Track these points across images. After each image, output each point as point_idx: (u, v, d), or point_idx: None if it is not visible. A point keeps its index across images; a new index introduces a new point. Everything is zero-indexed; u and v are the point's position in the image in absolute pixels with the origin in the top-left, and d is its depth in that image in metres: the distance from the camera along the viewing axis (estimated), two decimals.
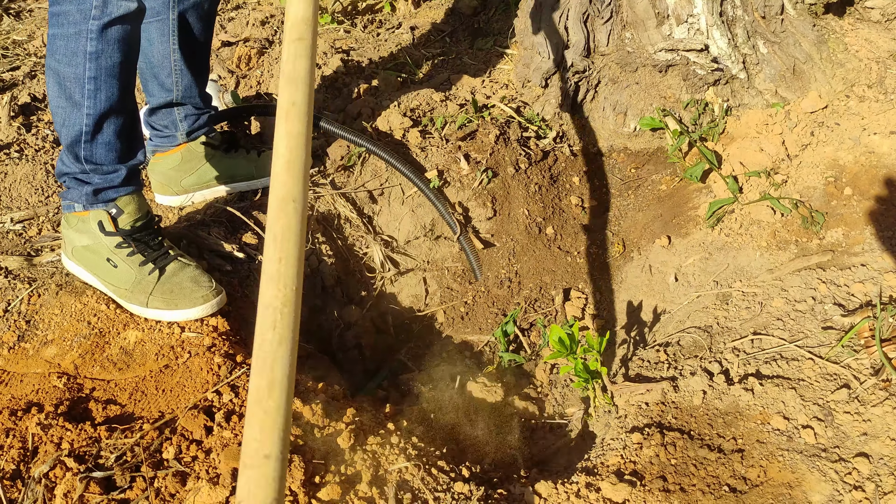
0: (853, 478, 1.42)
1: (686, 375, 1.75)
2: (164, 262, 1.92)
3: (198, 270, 1.93)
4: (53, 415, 1.63)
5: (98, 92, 1.76)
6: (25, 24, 3.67)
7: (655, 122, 2.52)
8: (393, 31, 3.50)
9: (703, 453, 1.53)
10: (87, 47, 1.72)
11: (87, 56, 1.72)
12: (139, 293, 1.89)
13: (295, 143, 1.22)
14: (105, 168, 1.85)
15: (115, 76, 1.77)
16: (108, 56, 1.74)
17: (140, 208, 1.93)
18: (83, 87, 1.75)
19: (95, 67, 1.74)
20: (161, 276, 1.90)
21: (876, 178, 2.08)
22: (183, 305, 1.87)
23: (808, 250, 2.00)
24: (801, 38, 2.32)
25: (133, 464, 1.53)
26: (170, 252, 1.95)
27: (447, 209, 2.38)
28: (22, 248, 2.13)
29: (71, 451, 1.54)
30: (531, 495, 1.52)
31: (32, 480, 1.49)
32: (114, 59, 1.75)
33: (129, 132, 1.88)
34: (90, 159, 1.84)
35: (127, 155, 1.89)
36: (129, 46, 1.79)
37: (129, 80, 1.83)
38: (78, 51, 1.72)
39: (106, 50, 1.73)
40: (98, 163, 1.85)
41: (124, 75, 1.79)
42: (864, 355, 1.63)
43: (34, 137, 2.63)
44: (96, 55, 1.73)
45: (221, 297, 1.92)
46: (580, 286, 2.38)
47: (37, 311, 1.90)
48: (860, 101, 2.22)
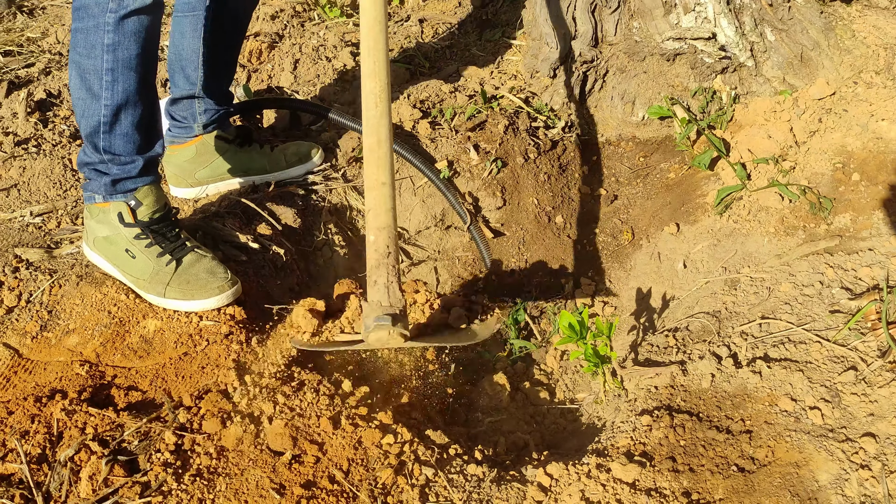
0: (860, 457, 1.45)
1: (695, 359, 1.78)
2: (181, 254, 1.96)
3: (214, 262, 1.97)
4: (77, 401, 1.67)
5: (115, 83, 1.81)
6: (39, 21, 3.72)
7: (664, 111, 2.54)
8: (402, 23, 3.53)
9: (711, 434, 1.56)
10: (105, 39, 1.76)
11: (105, 48, 1.77)
12: (157, 284, 1.93)
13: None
14: (123, 159, 1.90)
15: (132, 68, 1.81)
16: (125, 48, 1.78)
17: (158, 200, 1.97)
18: (101, 78, 1.80)
19: (112, 59, 1.78)
20: (178, 267, 1.94)
21: (884, 163, 2.09)
22: (199, 296, 1.91)
23: (815, 235, 2.02)
24: (809, 25, 2.33)
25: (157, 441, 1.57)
26: (187, 244, 1.99)
27: (457, 199, 2.41)
28: (42, 240, 2.18)
29: (95, 436, 1.59)
30: (543, 476, 1.55)
31: (58, 464, 1.53)
32: (130, 51, 1.79)
33: (148, 124, 1.91)
34: (108, 150, 1.88)
35: (145, 146, 1.92)
36: (147, 39, 1.82)
37: (148, 73, 1.86)
38: (96, 43, 1.77)
39: (123, 42, 1.77)
40: (116, 153, 1.89)
41: (142, 68, 1.83)
42: (871, 338, 1.65)
43: (51, 132, 2.67)
44: (113, 47, 1.77)
45: (237, 288, 1.96)
46: (590, 274, 2.41)
47: (58, 302, 1.95)
48: (868, 88, 2.24)
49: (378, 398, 1.77)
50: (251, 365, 1.80)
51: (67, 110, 2.86)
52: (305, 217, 2.38)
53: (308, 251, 2.34)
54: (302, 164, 2.46)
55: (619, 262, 2.41)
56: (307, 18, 3.49)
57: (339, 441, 1.61)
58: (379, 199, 1.71)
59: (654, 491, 1.47)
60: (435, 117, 2.66)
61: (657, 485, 1.48)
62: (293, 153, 2.46)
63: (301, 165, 2.46)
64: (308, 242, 2.34)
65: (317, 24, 3.43)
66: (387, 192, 1.71)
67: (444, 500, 1.52)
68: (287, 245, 2.26)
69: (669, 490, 1.47)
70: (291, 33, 3.33)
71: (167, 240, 1.97)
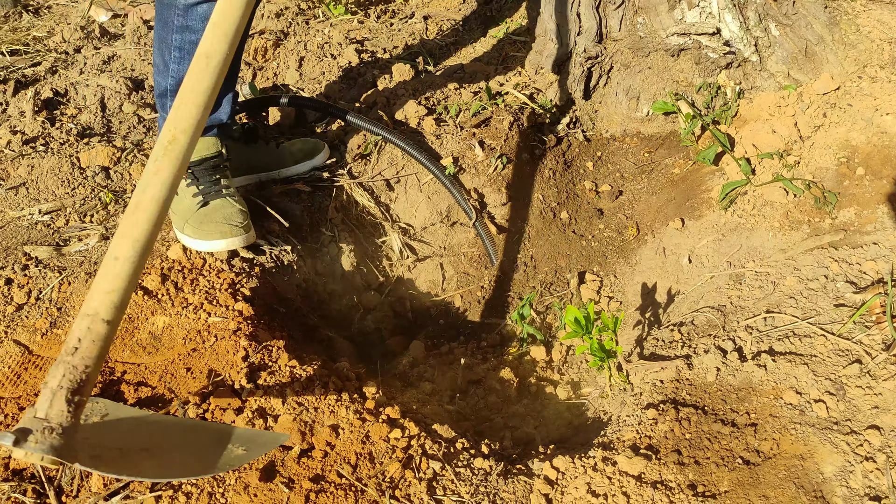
0: (864, 449, 1.45)
1: (700, 353, 1.79)
2: (211, 197, 2.07)
3: (238, 211, 2.06)
4: None
5: (182, 60, 1.99)
6: (45, 20, 3.73)
7: (668, 107, 2.54)
8: (406, 20, 3.54)
9: (716, 427, 1.57)
10: (176, 21, 1.94)
11: (175, 28, 1.95)
12: (180, 219, 2.06)
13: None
14: None
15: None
16: (193, 31, 1.93)
17: (209, 148, 2.11)
18: (171, 53, 1.99)
19: (181, 39, 1.96)
20: (202, 207, 2.05)
21: (888, 157, 2.10)
22: (205, 237, 2.01)
23: (820, 230, 2.02)
24: (813, 19, 2.33)
25: None
26: (223, 190, 2.09)
27: (463, 195, 2.43)
28: (51, 238, 2.20)
29: None
30: (549, 469, 1.56)
31: None
32: (197, 34, 1.93)
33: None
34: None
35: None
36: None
37: None
38: (169, 22, 1.95)
39: (190, 26, 1.93)
40: None
41: None
42: (876, 331, 1.66)
43: (58, 131, 2.69)
44: (181, 29, 1.94)
45: (244, 237, 2.04)
46: (595, 269, 2.42)
47: (67, 299, 1.97)
48: (872, 82, 2.24)
49: (386, 393, 1.78)
50: (259, 360, 1.82)
51: (74, 109, 2.88)
52: (312, 214, 2.39)
53: (315, 248, 2.35)
54: (307, 160, 2.47)
55: (625, 258, 2.41)
56: (312, 16, 3.51)
57: (347, 435, 1.62)
58: (102, 275, 1.34)
59: (660, 483, 1.48)
60: (440, 114, 2.67)
61: (663, 477, 1.49)
62: (298, 150, 2.47)
63: (306, 162, 2.47)
64: (315, 239, 2.36)
65: (321, 22, 3.45)
66: (117, 270, 1.33)
67: (451, 493, 1.53)
68: (294, 242, 2.28)
69: (675, 483, 1.48)
70: (296, 31, 3.34)
71: (204, 182, 2.10)
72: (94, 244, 2.16)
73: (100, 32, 3.47)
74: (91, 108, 2.87)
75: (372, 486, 1.52)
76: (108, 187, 2.42)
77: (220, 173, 2.14)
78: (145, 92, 3.02)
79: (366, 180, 2.49)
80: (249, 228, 2.06)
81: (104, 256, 1.36)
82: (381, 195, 2.50)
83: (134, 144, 2.64)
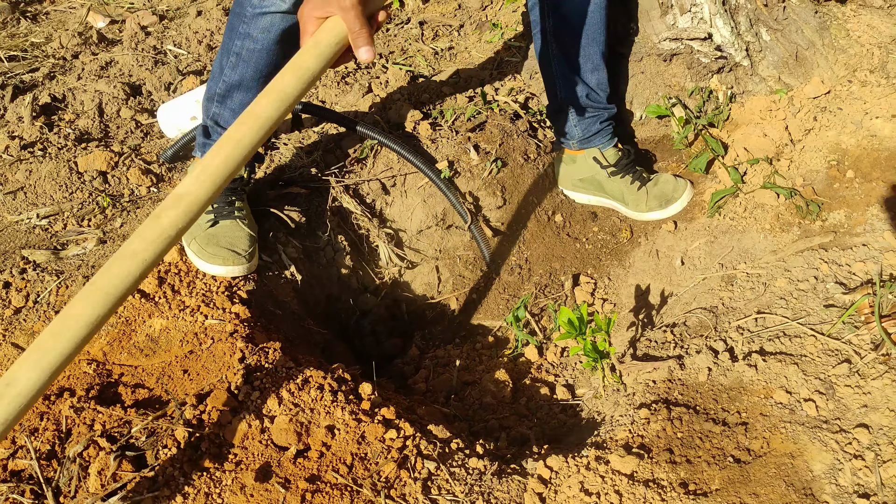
0: (853, 447, 1.47)
1: (692, 354, 1.81)
2: (223, 217, 2.10)
3: (246, 237, 2.09)
4: (85, 398, 1.70)
5: (237, 67, 2.02)
6: (43, 26, 3.76)
7: (661, 110, 2.57)
8: (402, 26, 3.56)
9: (708, 426, 1.59)
10: (241, 28, 1.96)
11: (238, 35, 1.97)
12: (189, 234, 2.09)
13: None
14: (221, 130, 2.10)
15: (253, 59, 1.99)
16: (253, 40, 1.96)
17: None
18: (228, 59, 2.02)
19: (240, 46, 1.98)
20: (211, 227, 2.08)
21: (878, 160, 2.12)
22: (206, 259, 2.04)
23: (810, 232, 2.05)
24: (804, 24, 2.36)
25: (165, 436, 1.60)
26: (235, 212, 2.12)
27: (458, 199, 2.45)
28: (48, 242, 2.21)
29: (103, 432, 1.62)
30: (543, 468, 1.58)
31: (67, 460, 1.56)
32: (257, 43, 1.96)
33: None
34: (215, 118, 2.12)
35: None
36: (275, 39, 1.96)
37: (267, 69, 2.02)
38: (235, 27, 1.98)
39: (252, 34, 1.95)
40: (218, 123, 2.12)
41: (264, 61, 2.00)
42: (865, 331, 1.68)
43: (56, 136, 2.71)
44: (243, 36, 1.97)
45: (244, 268, 2.06)
46: (589, 272, 2.44)
47: (65, 302, 1.98)
48: (862, 86, 2.26)
49: (381, 395, 1.80)
50: (255, 362, 1.83)
51: (72, 114, 2.90)
52: (308, 216, 2.41)
53: (311, 250, 2.37)
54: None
55: (619, 260, 2.44)
56: None
57: (343, 436, 1.64)
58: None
59: (652, 482, 1.50)
60: (435, 118, 2.69)
61: (655, 476, 1.51)
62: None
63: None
64: (311, 241, 2.38)
65: None
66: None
67: (446, 492, 1.55)
68: (291, 244, 2.29)
69: (667, 481, 1.49)
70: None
71: (220, 202, 2.13)
72: (91, 248, 2.18)
73: (97, 38, 3.50)
74: (89, 114, 2.89)
75: (367, 487, 1.54)
76: (105, 192, 2.44)
77: (235, 195, 2.17)
78: (143, 97, 3.04)
79: (360, 181, 2.51)
80: (252, 257, 2.09)
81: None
82: (376, 199, 2.53)
83: (131, 149, 2.66)
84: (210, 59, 3.31)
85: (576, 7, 2.25)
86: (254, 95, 2.04)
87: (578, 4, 2.25)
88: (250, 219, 2.20)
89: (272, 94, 1.32)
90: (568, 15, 2.27)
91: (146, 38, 3.47)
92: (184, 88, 3.05)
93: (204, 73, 3.19)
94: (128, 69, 3.21)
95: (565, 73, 2.39)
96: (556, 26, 2.30)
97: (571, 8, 2.26)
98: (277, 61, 2.03)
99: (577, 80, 2.39)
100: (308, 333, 2.16)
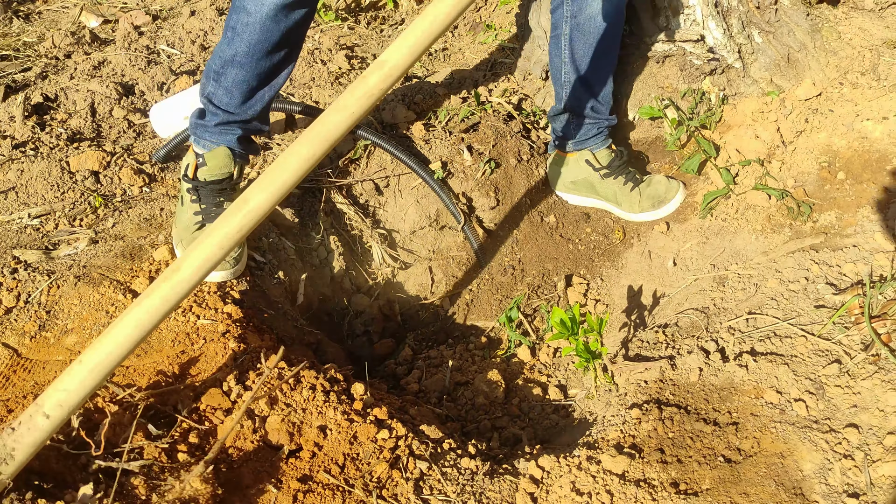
0: (843, 447, 1.48)
1: (683, 354, 1.81)
2: (211, 220, 2.08)
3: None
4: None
5: (232, 41, 1.99)
6: (35, 25, 3.74)
7: (654, 112, 2.58)
8: (396, 27, 3.57)
9: (699, 426, 1.60)
10: (237, 1, 1.96)
11: (235, 8, 1.97)
12: (177, 234, 2.10)
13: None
14: (218, 113, 2.10)
15: (246, 32, 1.97)
16: (248, 14, 1.93)
17: (221, 167, 2.12)
18: (226, 33, 2.01)
19: (236, 19, 1.97)
20: (199, 230, 2.07)
21: (868, 162, 2.13)
22: None
23: (801, 233, 2.06)
24: (795, 27, 2.37)
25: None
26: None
27: (451, 200, 2.45)
28: (40, 241, 2.21)
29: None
30: (535, 469, 1.58)
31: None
32: (251, 17, 1.94)
33: (249, 90, 2.07)
34: (211, 98, 2.10)
35: (238, 109, 2.09)
36: (266, 15, 1.94)
37: (261, 43, 1.99)
38: (234, 2, 1.98)
39: (247, 7, 1.93)
40: (214, 103, 2.10)
41: (258, 36, 1.97)
42: (855, 331, 1.69)
43: (48, 136, 2.70)
44: (239, 10, 1.95)
45: (228, 273, 2.05)
46: (582, 272, 2.44)
47: (56, 302, 1.98)
48: (853, 88, 2.28)
49: (374, 395, 1.80)
50: (248, 362, 1.83)
51: (64, 113, 2.89)
52: (302, 217, 2.41)
53: (305, 250, 2.37)
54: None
55: (611, 261, 2.44)
56: None
57: (335, 436, 1.64)
58: (66, 372, 1.40)
59: (643, 482, 1.50)
60: (429, 119, 2.69)
61: (646, 476, 1.51)
62: None
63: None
64: (305, 242, 2.37)
65: (312, 28, 3.47)
66: (77, 372, 1.38)
67: (437, 492, 1.55)
68: (284, 244, 2.29)
69: (658, 481, 1.50)
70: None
71: (206, 202, 2.11)
72: (83, 248, 2.17)
73: (90, 38, 3.48)
74: (81, 113, 2.88)
75: (359, 487, 1.54)
76: (97, 191, 2.44)
77: (224, 196, 2.14)
78: (135, 97, 3.04)
79: (353, 182, 2.51)
80: (238, 261, 2.07)
81: (74, 360, 1.38)
82: (370, 199, 2.53)
83: (124, 149, 2.65)
84: (203, 59, 3.30)
85: (594, 18, 2.26)
86: (247, 73, 2.04)
87: (596, 16, 2.26)
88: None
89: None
90: (585, 24, 2.28)
91: (139, 37, 3.46)
92: (177, 88, 3.04)
93: (197, 73, 3.19)
94: (120, 69, 3.20)
95: (573, 81, 2.39)
96: (573, 34, 2.31)
97: (590, 18, 2.26)
98: (270, 38, 2.00)
99: (583, 90, 2.40)
100: (301, 333, 2.16)
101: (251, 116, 2.13)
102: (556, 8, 2.33)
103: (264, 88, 2.11)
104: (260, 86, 2.10)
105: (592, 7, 2.24)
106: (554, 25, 2.37)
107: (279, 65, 2.11)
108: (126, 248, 2.14)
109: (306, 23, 2.05)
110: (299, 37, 2.10)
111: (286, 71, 2.13)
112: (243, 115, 2.12)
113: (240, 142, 2.16)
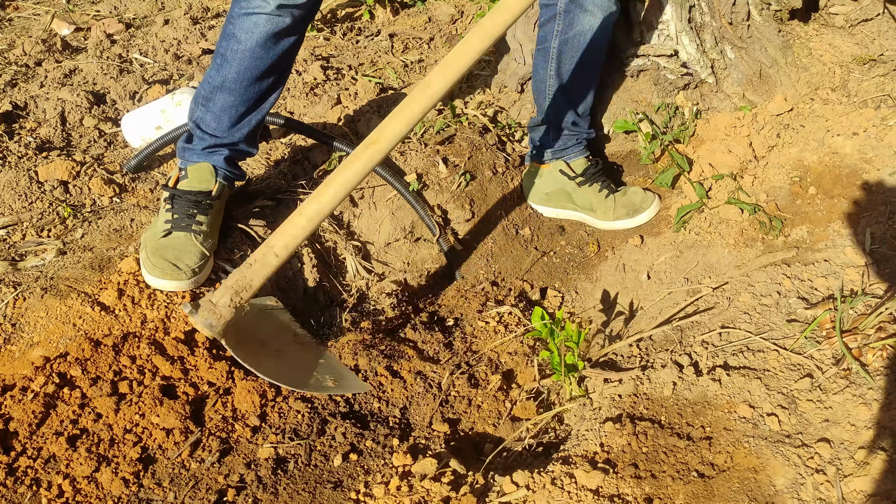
0: (815, 462, 1.49)
1: (657, 368, 1.81)
2: (178, 229, 2.06)
3: (196, 253, 2.04)
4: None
5: (221, 68, 2.03)
6: (6, 32, 3.68)
7: (628, 125, 2.59)
8: (372, 38, 3.56)
9: (672, 441, 1.59)
10: (227, 28, 2.00)
11: (224, 35, 2.00)
12: (144, 239, 2.07)
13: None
14: (205, 135, 2.12)
15: (235, 59, 2.00)
16: (238, 41, 1.98)
17: (202, 181, 2.12)
18: (216, 59, 2.04)
19: (225, 46, 2.00)
20: (164, 237, 2.04)
21: (839, 177, 2.16)
22: (148, 268, 1.99)
23: (773, 247, 2.07)
24: (767, 43, 2.40)
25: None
26: (192, 226, 2.07)
27: (426, 212, 2.44)
28: (6, 253, 2.16)
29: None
30: (509, 484, 1.57)
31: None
32: (241, 45, 1.97)
33: (238, 115, 2.10)
34: (199, 122, 2.13)
35: (225, 133, 2.12)
36: (259, 41, 1.97)
37: (249, 73, 2.02)
38: (224, 29, 2.01)
39: (237, 35, 1.97)
40: (202, 128, 2.13)
41: (247, 63, 2.00)
42: (826, 346, 1.70)
43: (17, 145, 2.65)
44: (228, 36, 1.99)
45: (181, 284, 2.00)
46: (556, 285, 2.44)
47: (22, 315, 1.93)
48: (824, 104, 2.31)
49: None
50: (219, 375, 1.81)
51: (34, 122, 2.84)
52: (274, 228, 2.38)
53: None
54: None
55: (586, 274, 2.44)
56: None
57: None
58: (289, 221, 1.79)
59: (617, 497, 1.49)
60: None
61: (620, 491, 1.51)
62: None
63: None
64: None
65: None
66: (298, 222, 1.77)
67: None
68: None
69: (632, 496, 1.49)
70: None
71: (180, 213, 2.09)
72: (50, 259, 2.13)
73: (62, 46, 3.44)
74: (51, 122, 2.83)
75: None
76: (66, 202, 2.39)
77: (199, 210, 2.12)
78: (107, 106, 3.00)
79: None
80: (195, 274, 2.01)
81: (294, 211, 1.78)
82: (344, 211, 2.51)
83: (94, 159, 2.61)
84: (176, 69, 3.27)
85: (583, 35, 2.28)
86: (236, 99, 2.06)
87: (587, 33, 2.28)
88: (210, 234, 2.12)
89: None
90: (574, 40, 2.29)
91: (111, 46, 3.42)
92: (149, 98, 3.01)
93: (170, 83, 3.16)
94: (92, 77, 3.16)
95: (557, 96, 2.40)
96: (562, 48, 2.32)
97: (580, 34, 2.28)
98: (259, 65, 2.01)
99: (566, 104, 2.42)
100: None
101: (238, 139, 2.16)
102: (545, 22, 2.34)
103: (252, 113, 2.13)
104: (248, 111, 2.12)
105: (583, 24, 2.26)
106: (542, 39, 2.38)
107: (268, 90, 2.13)
108: (95, 260, 2.10)
109: (295, 50, 2.07)
110: (288, 63, 2.12)
111: (274, 96, 2.16)
112: (230, 139, 2.14)
113: (226, 161, 2.18)
